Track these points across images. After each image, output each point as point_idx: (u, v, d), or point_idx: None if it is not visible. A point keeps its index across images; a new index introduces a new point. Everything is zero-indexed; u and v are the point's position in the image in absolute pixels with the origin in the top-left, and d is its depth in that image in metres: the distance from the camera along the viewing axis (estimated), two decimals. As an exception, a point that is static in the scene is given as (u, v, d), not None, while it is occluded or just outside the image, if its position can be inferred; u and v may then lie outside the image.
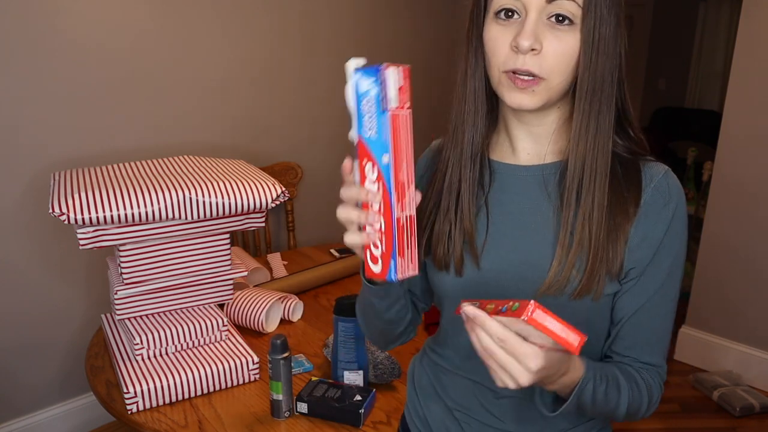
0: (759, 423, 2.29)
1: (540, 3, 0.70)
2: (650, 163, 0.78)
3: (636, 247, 0.76)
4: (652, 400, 0.81)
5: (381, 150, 0.66)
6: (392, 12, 2.89)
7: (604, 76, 0.73)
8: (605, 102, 0.74)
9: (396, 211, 0.66)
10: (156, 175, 1.35)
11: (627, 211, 0.75)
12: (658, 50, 5.77)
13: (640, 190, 0.76)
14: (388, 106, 0.64)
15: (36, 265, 1.98)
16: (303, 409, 1.20)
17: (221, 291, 1.42)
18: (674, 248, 0.78)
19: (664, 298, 0.80)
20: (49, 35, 1.87)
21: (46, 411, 2.09)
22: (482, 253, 0.82)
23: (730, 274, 2.53)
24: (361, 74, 0.66)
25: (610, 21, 0.71)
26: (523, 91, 0.73)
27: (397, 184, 0.66)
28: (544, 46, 0.71)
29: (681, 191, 0.78)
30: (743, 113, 2.40)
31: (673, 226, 0.77)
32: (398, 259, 0.67)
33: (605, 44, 0.71)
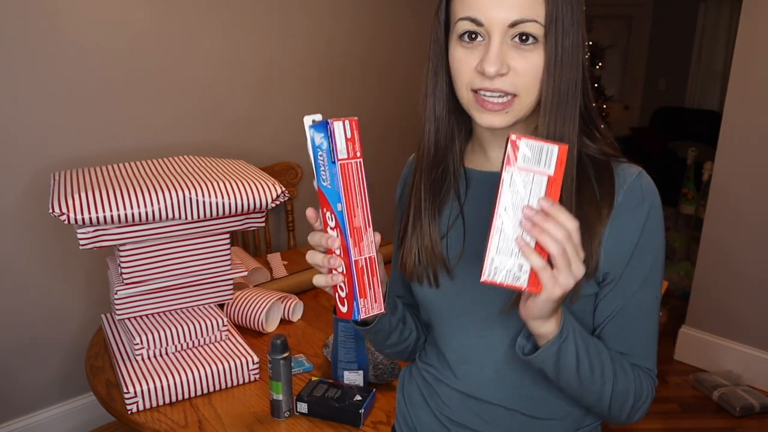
0: (759, 423, 2.29)
1: (502, 28, 0.70)
2: (623, 165, 0.78)
3: (612, 249, 0.76)
4: (640, 398, 0.80)
5: (335, 199, 0.70)
6: (394, 11, 2.89)
7: (568, 86, 0.73)
8: (569, 111, 0.74)
9: (353, 255, 0.71)
10: (156, 175, 1.35)
11: (600, 211, 0.75)
12: (658, 50, 5.78)
13: (614, 192, 0.76)
14: (337, 158, 0.69)
15: (36, 265, 1.98)
16: (303, 409, 1.20)
17: (221, 291, 1.42)
18: (651, 249, 0.78)
19: (645, 300, 0.79)
20: (49, 35, 1.87)
21: (46, 411, 2.09)
22: (459, 263, 0.83)
23: (730, 274, 2.53)
24: (314, 129, 0.70)
25: (572, 31, 0.71)
26: (496, 112, 0.74)
27: (353, 230, 0.70)
28: (512, 66, 0.72)
29: (655, 192, 0.78)
30: (743, 113, 2.40)
31: (648, 226, 0.77)
32: (360, 300, 0.71)
33: (568, 56, 0.72)
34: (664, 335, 2.85)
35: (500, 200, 0.63)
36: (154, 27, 2.09)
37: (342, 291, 0.74)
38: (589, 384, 0.75)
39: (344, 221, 0.70)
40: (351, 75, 2.80)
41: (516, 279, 0.64)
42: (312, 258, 0.74)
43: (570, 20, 0.71)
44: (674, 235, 3.88)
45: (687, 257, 3.61)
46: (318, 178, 0.72)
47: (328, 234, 0.72)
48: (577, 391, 0.77)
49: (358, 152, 0.70)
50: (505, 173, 0.63)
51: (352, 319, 0.73)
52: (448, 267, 0.83)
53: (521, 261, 0.64)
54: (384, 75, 2.93)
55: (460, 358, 0.86)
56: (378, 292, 0.73)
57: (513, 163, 0.63)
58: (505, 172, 0.63)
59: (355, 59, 2.79)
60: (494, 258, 0.64)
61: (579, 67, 0.74)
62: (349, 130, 0.70)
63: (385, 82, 2.94)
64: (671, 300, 3.27)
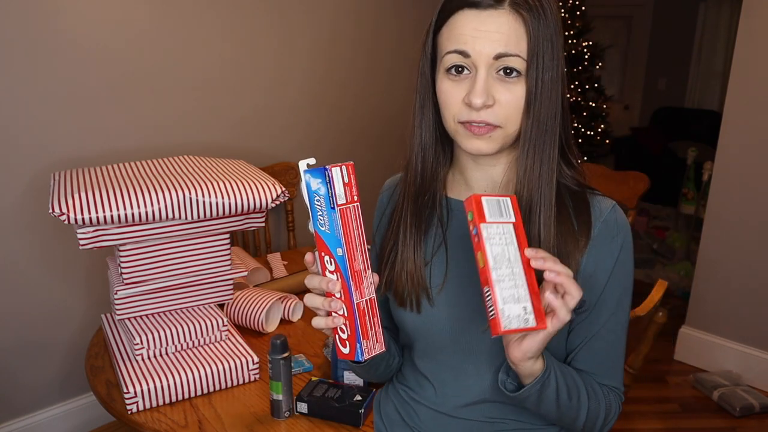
0: (759, 423, 2.29)
1: (488, 60, 0.73)
2: (598, 197, 0.82)
3: (588, 278, 0.80)
4: (609, 414, 0.84)
5: (335, 244, 0.71)
6: (396, 12, 2.89)
7: (548, 119, 0.76)
8: (548, 141, 0.77)
9: (355, 298, 0.72)
10: (156, 175, 1.35)
11: (577, 241, 0.79)
12: (658, 50, 5.78)
13: (591, 223, 0.80)
14: (336, 204, 0.69)
15: (36, 265, 1.98)
16: (303, 409, 1.20)
17: (221, 291, 1.42)
18: (623, 278, 0.82)
19: (616, 326, 0.84)
20: (49, 35, 1.87)
21: (46, 411, 2.09)
22: (441, 291, 0.85)
23: (730, 274, 2.53)
24: (310, 174, 0.71)
25: (552, 66, 0.74)
26: (480, 137, 0.77)
27: (354, 273, 0.71)
28: (497, 99, 0.75)
29: (627, 225, 0.83)
30: (743, 113, 2.40)
31: (621, 258, 0.81)
32: (363, 341, 0.73)
33: (548, 89, 0.74)
34: (664, 335, 2.85)
35: (487, 255, 0.67)
36: (154, 27, 2.09)
37: (343, 333, 0.74)
38: (566, 411, 0.79)
39: (345, 265, 0.71)
40: (351, 75, 2.80)
41: (526, 321, 0.68)
42: (311, 301, 0.74)
43: (550, 56, 0.74)
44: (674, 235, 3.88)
45: (687, 257, 3.61)
46: (315, 222, 0.72)
47: (328, 278, 0.72)
48: (555, 418, 0.81)
49: (355, 196, 0.71)
50: (482, 230, 0.68)
51: (355, 359, 0.74)
52: (429, 294, 0.86)
53: (524, 304, 0.68)
54: (385, 76, 2.93)
55: (441, 381, 0.88)
56: (379, 331, 0.75)
57: (483, 219, 0.68)
58: (481, 228, 0.68)
59: (356, 60, 2.79)
60: (504, 308, 0.67)
61: (558, 100, 0.77)
62: (346, 175, 0.71)
63: (387, 84, 2.94)
64: (671, 300, 3.27)
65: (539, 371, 0.74)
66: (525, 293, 0.68)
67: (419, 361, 0.91)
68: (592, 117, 4.06)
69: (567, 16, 3.94)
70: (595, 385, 0.84)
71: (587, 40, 4.00)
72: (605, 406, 0.83)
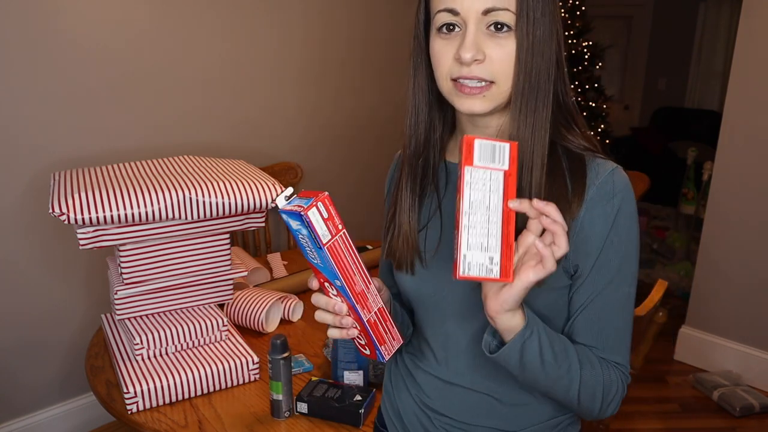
0: (759, 423, 2.29)
1: (477, 16, 0.73)
2: (599, 160, 0.80)
3: (582, 242, 0.78)
4: (611, 391, 0.80)
5: (332, 276, 0.71)
6: (391, 11, 2.89)
7: (540, 75, 0.75)
8: (541, 99, 0.76)
9: (363, 316, 0.73)
10: (156, 175, 1.35)
11: (570, 203, 0.77)
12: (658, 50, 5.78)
13: (585, 185, 0.78)
14: (322, 243, 0.68)
15: (36, 265, 1.98)
16: (303, 409, 1.20)
17: (221, 291, 1.42)
18: (622, 244, 0.79)
19: (617, 295, 0.80)
20: (49, 35, 1.87)
21: (46, 411, 2.09)
22: (435, 254, 0.85)
23: (730, 274, 2.53)
24: (287, 216, 0.68)
25: (543, 22, 0.74)
26: (473, 97, 0.77)
27: (356, 296, 0.72)
28: (488, 54, 0.74)
29: (628, 188, 0.79)
30: (743, 113, 2.40)
31: (619, 222, 0.78)
32: (381, 347, 0.75)
33: (540, 45, 0.74)
34: (664, 335, 2.85)
35: (464, 199, 0.66)
36: (154, 27, 2.09)
37: (361, 340, 0.76)
38: (556, 379, 0.76)
39: (346, 292, 0.71)
40: (350, 75, 2.80)
41: (489, 271, 0.67)
42: (322, 318, 0.76)
43: (541, 11, 0.73)
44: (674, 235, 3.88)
45: (687, 257, 3.61)
46: (306, 255, 0.72)
47: (333, 301, 0.74)
48: (544, 386, 0.78)
49: (339, 225, 0.69)
50: (465, 172, 0.65)
51: (377, 360, 0.75)
52: (422, 257, 0.86)
53: (492, 254, 0.66)
54: (382, 74, 2.93)
55: (440, 345, 0.89)
56: (394, 330, 0.76)
57: (470, 162, 0.65)
58: (465, 171, 0.65)
59: (354, 59, 2.79)
60: (466, 254, 0.66)
61: (552, 58, 0.76)
62: (324, 211, 0.68)
63: (383, 82, 2.94)
64: (671, 300, 3.27)
65: (519, 327, 0.72)
66: (496, 243, 0.66)
67: (420, 325, 0.92)
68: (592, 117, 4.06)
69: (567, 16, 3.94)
70: (591, 356, 0.80)
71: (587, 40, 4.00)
72: (604, 380, 0.80)
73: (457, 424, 0.88)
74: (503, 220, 0.66)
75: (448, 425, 0.89)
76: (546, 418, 0.88)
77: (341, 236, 0.70)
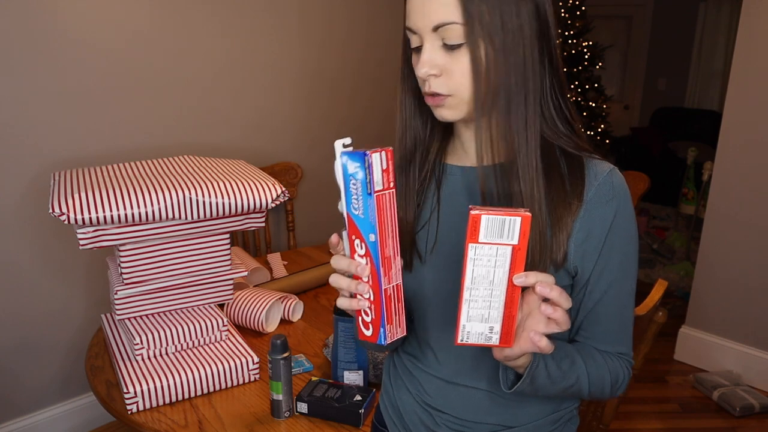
0: (759, 423, 2.29)
1: (429, 32, 0.75)
2: (595, 161, 0.81)
3: (581, 243, 0.79)
4: (618, 379, 0.85)
5: (368, 230, 0.70)
6: (391, 11, 2.89)
7: (508, 85, 0.75)
8: (515, 109, 0.76)
9: (383, 284, 0.72)
10: (156, 175, 1.35)
11: (569, 204, 0.78)
12: (658, 50, 5.78)
13: (584, 187, 0.78)
14: (373, 190, 0.68)
15: (36, 265, 1.98)
16: (303, 409, 1.20)
17: (221, 291, 1.42)
18: (622, 246, 0.80)
19: (620, 293, 0.83)
20: (49, 35, 1.87)
21: (46, 411, 2.09)
22: (432, 254, 0.87)
23: (730, 273, 2.53)
24: (348, 157, 0.69)
25: (501, 32, 0.73)
26: (441, 107, 0.79)
27: (384, 260, 0.71)
28: (445, 69, 0.75)
29: (625, 190, 0.80)
30: (743, 113, 2.40)
31: (617, 223, 0.79)
32: (387, 326, 0.74)
33: (501, 54, 0.73)
34: (664, 335, 2.85)
35: (466, 274, 0.67)
36: (155, 27, 2.09)
37: (367, 316, 0.74)
38: (567, 387, 0.80)
39: (377, 251, 0.70)
40: (349, 74, 2.80)
41: (488, 339, 0.70)
42: (337, 282, 0.75)
43: (500, 17, 0.72)
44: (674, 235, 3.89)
45: (687, 257, 3.61)
46: (348, 204, 0.71)
47: (357, 261, 0.72)
48: (556, 395, 0.82)
49: (392, 182, 0.70)
50: (469, 249, 0.67)
51: (377, 342, 0.74)
52: (420, 256, 0.87)
53: (492, 324, 0.69)
54: (382, 74, 2.93)
55: (441, 346, 0.89)
56: (402, 317, 0.75)
57: (475, 239, 0.66)
58: (470, 248, 0.66)
59: (354, 59, 2.79)
60: (465, 325, 0.70)
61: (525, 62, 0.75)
62: (385, 161, 0.69)
63: (383, 81, 2.94)
64: (671, 300, 3.27)
65: (526, 363, 0.75)
66: (497, 315, 0.68)
67: (421, 327, 0.92)
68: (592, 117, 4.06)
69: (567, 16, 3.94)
70: (595, 353, 0.84)
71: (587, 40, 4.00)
72: (610, 371, 0.83)
73: (458, 422, 0.89)
74: (507, 292, 0.68)
75: (450, 422, 0.89)
76: (547, 413, 0.89)
77: (390, 194, 0.70)
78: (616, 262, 0.81)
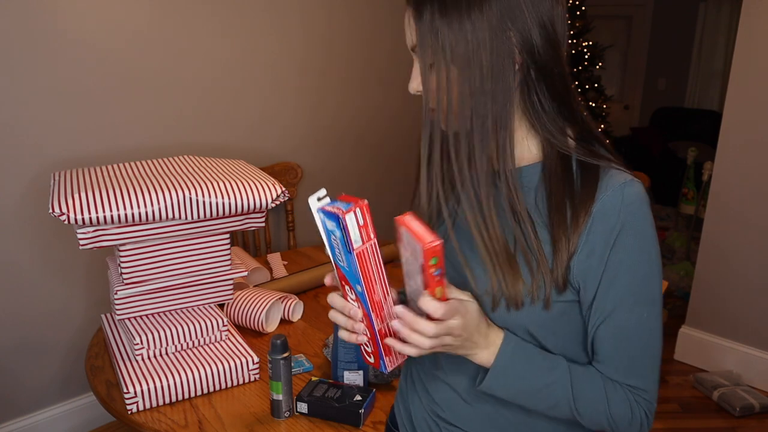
0: (759, 423, 2.29)
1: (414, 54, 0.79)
2: (613, 172, 0.76)
3: (585, 259, 0.75)
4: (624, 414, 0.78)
5: (354, 281, 0.73)
6: (392, 10, 2.89)
7: (465, 102, 0.75)
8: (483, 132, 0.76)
9: (376, 325, 0.75)
10: (156, 175, 1.35)
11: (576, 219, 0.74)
12: (658, 50, 5.78)
13: (593, 199, 0.74)
14: (352, 248, 0.70)
15: (36, 265, 1.98)
16: (303, 409, 1.20)
17: (221, 291, 1.42)
18: (631, 265, 0.75)
19: (629, 318, 0.77)
20: (49, 35, 1.87)
21: (46, 411, 2.09)
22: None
23: (730, 274, 2.53)
24: (324, 215, 0.71)
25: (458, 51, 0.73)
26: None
27: (374, 304, 0.74)
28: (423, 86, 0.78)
29: (639, 204, 0.74)
30: (743, 113, 2.40)
31: (623, 240, 0.74)
32: (386, 358, 0.78)
33: (459, 73, 0.74)
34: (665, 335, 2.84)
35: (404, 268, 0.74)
36: (155, 27, 2.09)
37: (368, 347, 0.79)
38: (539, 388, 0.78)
39: (365, 299, 0.73)
40: (350, 75, 2.80)
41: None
42: (335, 318, 0.79)
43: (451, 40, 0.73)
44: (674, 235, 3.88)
45: (687, 257, 3.61)
46: (333, 256, 0.74)
47: (350, 305, 0.76)
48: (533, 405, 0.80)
49: (371, 234, 0.71)
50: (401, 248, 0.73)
51: (380, 370, 0.79)
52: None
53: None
54: (383, 75, 2.93)
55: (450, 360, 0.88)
56: None
57: (399, 241, 0.72)
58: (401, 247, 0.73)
59: (355, 59, 2.79)
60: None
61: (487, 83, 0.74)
62: (360, 217, 0.69)
63: (384, 82, 2.94)
64: (671, 300, 3.27)
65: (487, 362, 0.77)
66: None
67: None
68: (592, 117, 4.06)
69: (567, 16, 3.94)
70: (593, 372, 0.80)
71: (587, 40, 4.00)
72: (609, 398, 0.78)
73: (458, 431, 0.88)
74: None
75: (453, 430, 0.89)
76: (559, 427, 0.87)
77: (371, 245, 0.71)
78: (623, 283, 0.75)
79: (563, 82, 0.79)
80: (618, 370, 0.79)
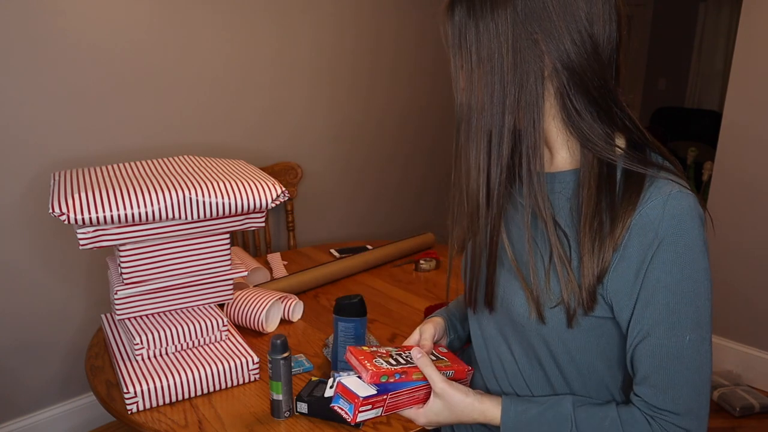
0: (759, 423, 2.29)
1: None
2: (660, 182, 0.71)
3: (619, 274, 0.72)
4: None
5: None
6: (397, 11, 2.89)
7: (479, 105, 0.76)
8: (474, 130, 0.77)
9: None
10: (156, 175, 1.35)
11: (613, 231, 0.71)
12: (658, 50, 5.78)
13: (634, 211, 0.70)
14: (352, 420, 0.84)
15: (36, 265, 1.98)
16: (303, 409, 1.20)
17: (221, 291, 1.42)
18: (670, 284, 0.71)
19: (669, 339, 0.73)
20: (50, 35, 1.87)
21: (46, 411, 2.09)
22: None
23: (730, 274, 2.53)
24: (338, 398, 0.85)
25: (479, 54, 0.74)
26: None
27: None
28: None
29: (681, 218, 0.69)
30: (743, 113, 2.40)
31: (661, 256, 0.70)
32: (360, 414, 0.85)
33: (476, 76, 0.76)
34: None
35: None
36: (156, 28, 2.09)
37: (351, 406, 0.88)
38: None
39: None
40: (352, 75, 2.80)
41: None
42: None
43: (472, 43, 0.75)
44: (674, 235, 3.88)
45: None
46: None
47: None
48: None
49: (382, 413, 0.85)
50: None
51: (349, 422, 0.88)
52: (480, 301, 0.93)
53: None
54: (385, 76, 2.93)
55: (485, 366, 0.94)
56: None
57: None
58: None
59: (356, 59, 2.79)
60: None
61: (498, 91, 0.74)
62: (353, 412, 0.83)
63: (386, 83, 2.94)
64: (671, 300, 3.27)
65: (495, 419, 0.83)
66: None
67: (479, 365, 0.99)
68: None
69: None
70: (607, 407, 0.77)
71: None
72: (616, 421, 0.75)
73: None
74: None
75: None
76: None
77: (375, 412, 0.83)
78: (661, 302, 0.71)
79: (602, 88, 0.73)
80: (656, 393, 0.75)
